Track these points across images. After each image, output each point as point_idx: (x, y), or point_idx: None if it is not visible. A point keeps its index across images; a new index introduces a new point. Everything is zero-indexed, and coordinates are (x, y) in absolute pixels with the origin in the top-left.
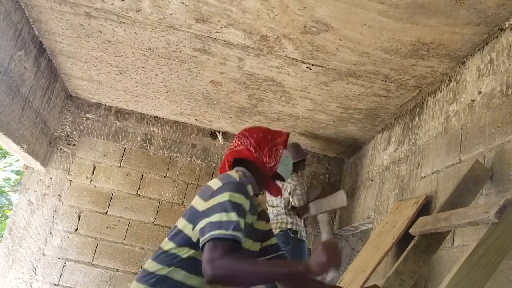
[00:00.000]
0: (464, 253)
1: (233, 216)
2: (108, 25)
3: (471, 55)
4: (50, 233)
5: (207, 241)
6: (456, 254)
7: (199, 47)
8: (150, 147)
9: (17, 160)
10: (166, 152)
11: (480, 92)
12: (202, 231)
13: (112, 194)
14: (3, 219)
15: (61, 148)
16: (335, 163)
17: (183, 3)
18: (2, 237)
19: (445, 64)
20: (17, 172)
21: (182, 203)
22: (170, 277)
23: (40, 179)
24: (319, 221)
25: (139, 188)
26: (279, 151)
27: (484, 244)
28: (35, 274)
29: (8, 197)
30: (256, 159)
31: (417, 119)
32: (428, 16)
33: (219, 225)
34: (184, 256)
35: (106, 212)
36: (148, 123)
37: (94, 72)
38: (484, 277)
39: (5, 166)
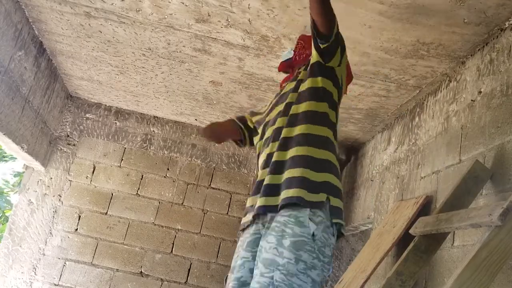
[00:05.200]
0: (466, 255)
1: None
2: (108, 25)
3: (471, 55)
4: (50, 233)
5: None
6: (456, 254)
7: (199, 47)
8: (150, 147)
9: (15, 160)
10: (166, 152)
11: (480, 92)
12: None
13: (112, 194)
14: (2, 219)
15: (61, 148)
16: None
17: (183, 3)
18: (2, 237)
19: (445, 64)
20: (16, 174)
21: (182, 203)
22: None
23: (40, 179)
24: None
25: (139, 188)
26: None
27: (487, 247)
28: (35, 274)
29: (7, 198)
30: None
31: (417, 119)
32: (428, 16)
33: None
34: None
35: (106, 212)
36: (148, 123)
37: (94, 72)
38: (487, 280)
39: (7, 165)
